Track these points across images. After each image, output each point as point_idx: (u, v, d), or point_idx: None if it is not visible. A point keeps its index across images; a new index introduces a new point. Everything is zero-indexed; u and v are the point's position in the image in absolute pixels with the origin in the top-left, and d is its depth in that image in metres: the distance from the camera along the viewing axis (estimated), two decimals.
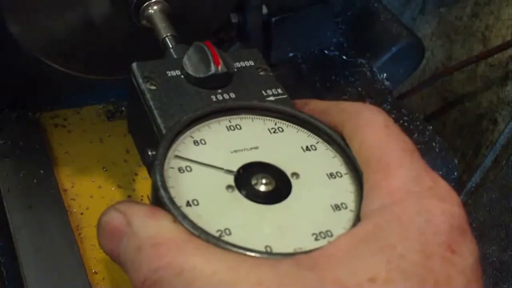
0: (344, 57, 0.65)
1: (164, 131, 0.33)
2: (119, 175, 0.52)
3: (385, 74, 0.64)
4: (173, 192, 0.30)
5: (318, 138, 0.35)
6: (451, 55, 0.81)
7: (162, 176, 0.30)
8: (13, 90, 0.55)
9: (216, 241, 0.28)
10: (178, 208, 0.29)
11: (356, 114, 0.33)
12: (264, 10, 0.59)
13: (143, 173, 0.53)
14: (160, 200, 0.30)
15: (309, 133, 0.35)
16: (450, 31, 0.81)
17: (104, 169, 0.53)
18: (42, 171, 0.51)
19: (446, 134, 0.80)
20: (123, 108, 0.58)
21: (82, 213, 0.50)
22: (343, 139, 0.34)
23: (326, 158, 0.34)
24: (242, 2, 0.56)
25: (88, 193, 0.51)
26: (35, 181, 0.50)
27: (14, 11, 0.43)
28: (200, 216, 0.29)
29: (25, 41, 0.45)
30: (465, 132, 0.78)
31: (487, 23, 0.75)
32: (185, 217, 0.29)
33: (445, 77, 0.81)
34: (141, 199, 0.51)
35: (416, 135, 0.60)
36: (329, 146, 0.34)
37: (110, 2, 0.45)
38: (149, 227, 0.28)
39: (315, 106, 0.36)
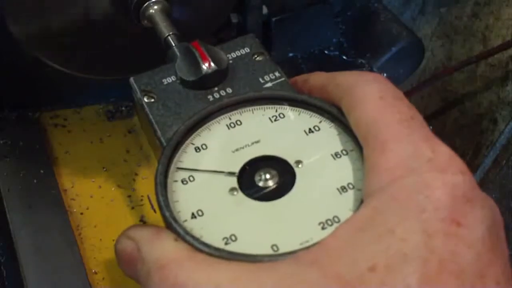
0: (344, 57, 0.65)
1: (165, 144, 0.33)
2: (119, 175, 0.52)
3: (385, 74, 0.64)
4: (178, 207, 0.30)
5: (320, 117, 0.34)
6: (451, 55, 0.81)
7: (163, 195, 0.31)
8: (13, 90, 0.55)
9: (218, 253, 0.28)
10: (180, 224, 0.29)
11: (350, 88, 0.32)
12: (264, 10, 0.59)
13: (143, 173, 0.53)
14: (163, 219, 0.30)
15: (311, 113, 0.34)
16: (450, 31, 0.81)
17: (104, 169, 0.53)
18: (42, 171, 0.51)
19: (446, 134, 0.80)
20: (123, 108, 0.58)
21: (82, 213, 0.50)
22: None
23: (331, 137, 0.33)
24: (242, 2, 0.56)
25: (88, 193, 0.51)
26: (35, 181, 0.50)
27: (14, 11, 0.43)
28: (204, 227, 0.29)
29: (25, 41, 0.45)
30: (465, 132, 0.78)
31: (487, 23, 0.75)
32: (187, 233, 0.29)
33: (445, 77, 0.81)
34: (141, 199, 0.51)
35: None
36: (332, 124, 0.33)
37: (110, 2, 0.45)
38: (154, 250, 0.29)
39: (314, 83, 0.35)
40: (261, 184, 0.31)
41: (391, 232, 0.25)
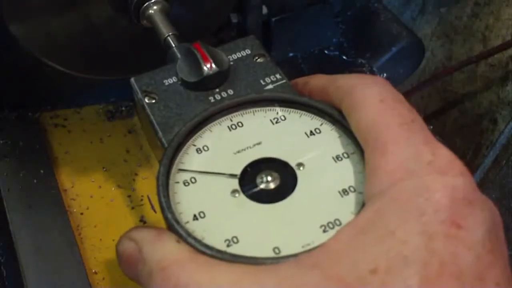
0: (344, 57, 0.65)
1: (166, 145, 0.33)
2: (119, 175, 0.52)
3: (385, 74, 0.64)
4: (180, 208, 0.30)
5: (321, 119, 0.34)
6: (451, 55, 0.81)
7: (165, 196, 0.30)
8: (13, 90, 0.55)
9: (220, 255, 0.28)
10: (182, 226, 0.29)
11: (350, 90, 0.32)
12: (264, 10, 0.59)
13: (143, 173, 0.53)
14: (165, 221, 0.30)
15: (312, 115, 0.34)
16: (450, 31, 0.81)
17: (104, 169, 0.53)
18: (42, 171, 0.51)
19: (446, 134, 0.80)
20: (123, 108, 0.58)
21: (82, 213, 0.50)
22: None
23: (332, 140, 0.33)
24: (242, 2, 0.56)
25: (88, 193, 0.51)
26: (35, 181, 0.50)
27: (14, 11, 0.43)
28: (206, 229, 0.29)
29: (25, 41, 0.45)
30: (465, 132, 0.78)
31: (487, 23, 0.75)
32: (189, 234, 0.29)
33: (445, 77, 0.80)
34: (141, 199, 0.51)
35: None
36: (333, 126, 0.33)
37: (110, 3, 0.45)
38: (156, 251, 0.29)
39: (314, 85, 0.35)
40: (262, 186, 0.31)
41: (391, 234, 0.25)
